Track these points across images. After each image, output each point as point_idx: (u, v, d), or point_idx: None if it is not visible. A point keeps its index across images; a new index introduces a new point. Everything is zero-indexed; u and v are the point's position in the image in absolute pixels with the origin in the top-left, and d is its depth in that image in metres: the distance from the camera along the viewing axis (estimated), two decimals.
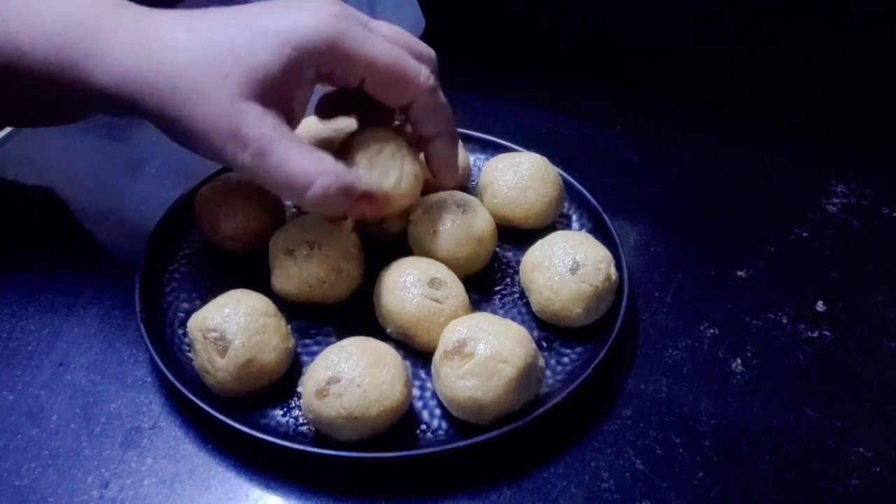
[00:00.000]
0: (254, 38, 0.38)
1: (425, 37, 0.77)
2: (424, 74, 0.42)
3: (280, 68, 0.38)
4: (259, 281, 0.45)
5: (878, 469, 0.41)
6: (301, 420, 0.41)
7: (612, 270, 0.46)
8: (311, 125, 0.50)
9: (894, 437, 0.43)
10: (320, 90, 0.44)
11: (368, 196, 0.41)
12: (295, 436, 0.40)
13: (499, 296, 0.49)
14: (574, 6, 0.70)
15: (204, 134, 0.38)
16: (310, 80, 0.40)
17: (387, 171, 0.43)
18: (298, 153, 0.38)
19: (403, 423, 0.40)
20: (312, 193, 0.38)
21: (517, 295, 0.49)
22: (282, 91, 0.39)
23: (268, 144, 0.37)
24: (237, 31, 0.38)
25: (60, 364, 0.44)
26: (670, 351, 0.47)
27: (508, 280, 0.50)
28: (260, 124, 0.37)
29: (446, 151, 0.45)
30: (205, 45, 0.38)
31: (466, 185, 0.55)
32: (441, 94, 0.43)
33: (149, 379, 0.43)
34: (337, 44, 0.39)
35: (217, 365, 0.40)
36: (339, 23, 0.39)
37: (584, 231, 0.52)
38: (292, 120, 0.40)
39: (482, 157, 0.57)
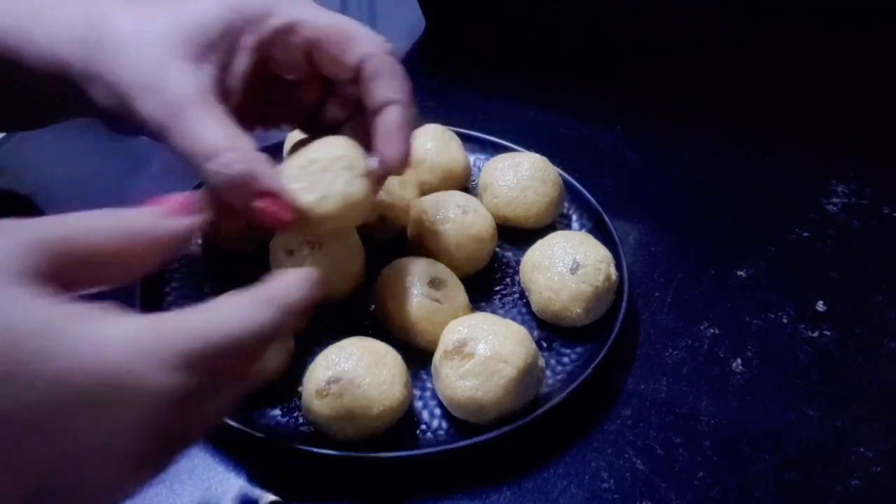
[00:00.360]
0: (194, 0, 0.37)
1: (425, 37, 0.77)
2: (376, 37, 0.39)
3: (218, 30, 0.36)
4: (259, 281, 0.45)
5: (878, 469, 0.41)
6: (301, 420, 0.41)
7: (612, 270, 0.46)
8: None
9: (894, 437, 0.43)
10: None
11: (272, 197, 0.36)
12: (295, 436, 0.40)
13: (499, 296, 0.49)
14: (574, 6, 0.70)
15: (127, 87, 0.35)
16: (249, 49, 0.37)
17: (313, 185, 0.38)
18: (215, 122, 0.35)
19: (403, 423, 0.40)
20: (210, 166, 0.35)
21: (517, 295, 0.49)
22: (218, 56, 0.37)
23: (186, 104, 0.35)
24: None
25: None
26: (670, 351, 0.47)
27: (508, 280, 0.50)
28: (183, 83, 0.35)
29: (399, 120, 0.39)
30: (142, 4, 0.37)
31: (466, 185, 0.55)
32: (398, 63, 0.39)
33: None
34: (278, 5, 0.38)
35: None
36: None
37: (584, 231, 0.52)
38: (228, 95, 0.38)
39: (482, 157, 0.57)
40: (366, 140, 0.40)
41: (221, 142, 0.35)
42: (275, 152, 0.50)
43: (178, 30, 0.36)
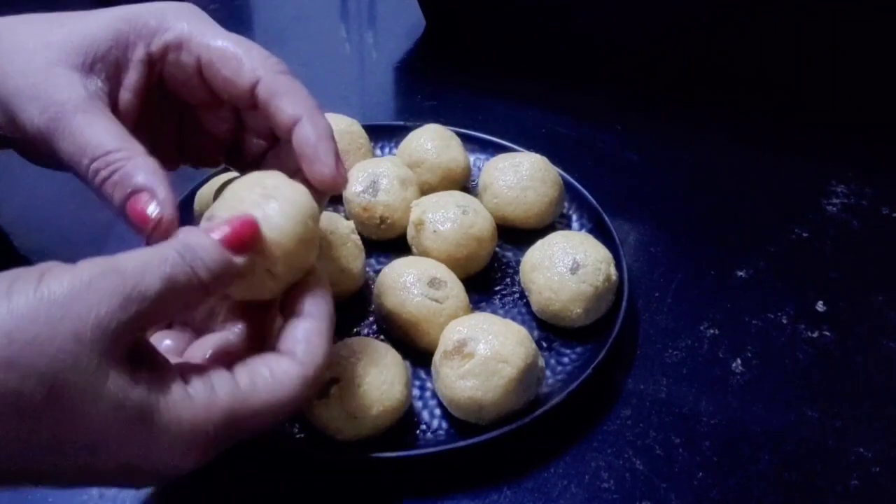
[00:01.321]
0: (85, 12, 0.37)
1: (425, 37, 0.78)
2: (270, 58, 0.37)
3: (106, 41, 0.36)
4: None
5: (878, 469, 0.41)
6: (301, 420, 0.41)
7: (612, 270, 0.46)
8: None
9: (894, 437, 0.43)
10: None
11: (144, 197, 0.33)
12: (295, 436, 0.40)
13: (499, 296, 0.49)
14: (574, 6, 0.70)
15: (12, 94, 0.35)
16: (139, 62, 0.37)
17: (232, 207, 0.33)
18: (101, 126, 0.34)
19: (403, 423, 0.40)
20: (91, 170, 0.33)
21: (517, 295, 0.49)
22: (107, 67, 0.36)
23: (70, 111, 0.34)
24: (72, 10, 0.37)
25: None
26: (670, 351, 0.47)
27: (508, 280, 0.50)
28: (69, 91, 0.35)
29: (312, 134, 0.35)
30: (35, 18, 0.37)
31: (466, 185, 0.55)
32: (294, 78, 0.37)
33: None
34: (168, 18, 0.37)
35: None
36: (175, 4, 0.38)
37: (584, 231, 0.52)
38: (122, 110, 0.37)
39: (482, 157, 0.57)
40: (293, 167, 0.37)
41: (107, 143, 0.34)
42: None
43: (67, 40, 0.36)
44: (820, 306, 0.51)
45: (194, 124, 0.41)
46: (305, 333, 0.32)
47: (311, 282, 0.34)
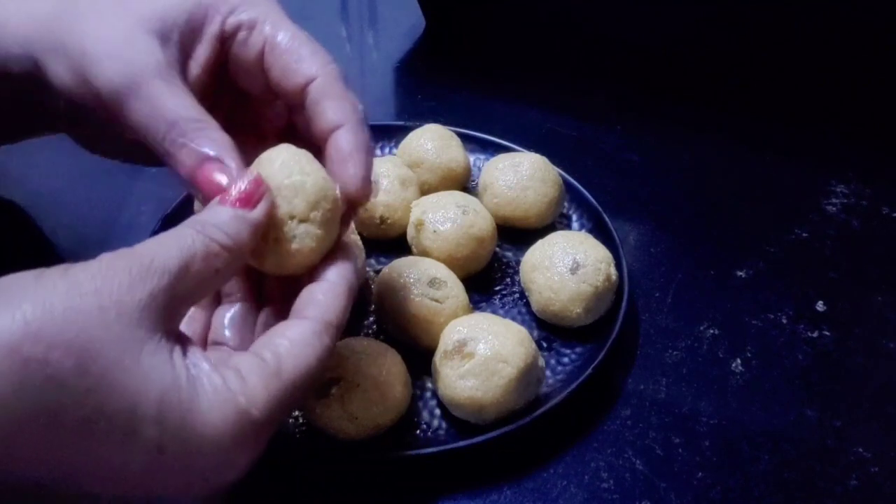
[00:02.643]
0: None
1: (425, 37, 0.78)
2: (332, 61, 0.37)
3: (185, 9, 0.36)
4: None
5: (877, 469, 0.41)
6: (301, 420, 0.41)
7: (612, 270, 0.46)
8: None
9: (894, 437, 0.43)
10: None
11: (215, 167, 0.33)
12: (295, 436, 0.40)
13: (499, 296, 0.49)
14: (574, 6, 0.70)
15: (90, 55, 0.35)
16: (213, 36, 0.37)
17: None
18: (178, 94, 0.34)
19: (403, 423, 0.40)
20: (171, 134, 0.33)
21: (517, 295, 0.49)
22: (181, 39, 0.36)
23: (149, 74, 0.34)
24: None
25: None
26: (670, 351, 0.47)
27: (508, 280, 0.50)
28: (148, 55, 0.34)
29: (349, 144, 0.35)
30: None
31: (466, 185, 0.55)
32: (348, 88, 0.37)
33: None
34: (246, 2, 0.37)
35: None
36: None
37: (584, 231, 0.52)
38: (190, 83, 0.37)
39: (482, 157, 0.57)
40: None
41: (183, 111, 0.34)
42: None
43: (146, 5, 0.36)
44: (820, 306, 0.51)
45: (243, 117, 0.41)
46: (317, 294, 0.32)
47: (336, 252, 0.34)
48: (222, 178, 0.33)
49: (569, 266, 0.45)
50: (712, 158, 0.63)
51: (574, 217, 0.54)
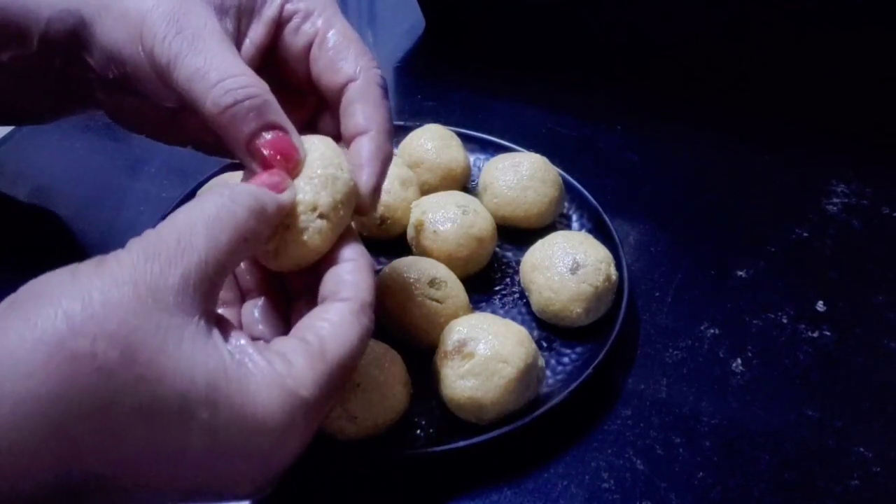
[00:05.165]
0: None
1: (425, 37, 0.77)
2: (377, 67, 0.37)
3: None
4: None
5: (878, 469, 0.41)
6: None
7: (612, 270, 0.46)
8: None
9: (894, 437, 0.43)
10: None
11: (279, 132, 0.33)
12: None
13: (499, 296, 0.49)
14: (574, 6, 0.70)
15: (145, 12, 0.34)
16: (270, 18, 0.37)
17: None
18: (231, 55, 0.34)
19: (403, 423, 0.40)
20: (224, 85, 0.33)
21: (517, 295, 0.49)
22: (241, 13, 0.36)
23: (207, 36, 0.34)
24: None
25: None
26: (670, 351, 0.47)
27: (508, 280, 0.50)
28: (207, 21, 0.34)
29: (371, 151, 0.35)
30: None
31: (466, 185, 0.55)
32: (385, 95, 0.37)
33: None
34: None
35: None
36: None
37: (584, 231, 0.52)
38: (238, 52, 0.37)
39: (482, 157, 0.57)
40: None
41: (233, 70, 0.33)
42: None
43: None
44: (820, 306, 0.51)
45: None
46: (344, 274, 0.32)
47: (346, 236, 0.34)
48: (281, 146, 0.33)
49: (569, 266, 0.45)
50: (712, 158, 0.63)
51: (574, 217, 0.54)
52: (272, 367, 0.28)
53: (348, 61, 0.36)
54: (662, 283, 0.51)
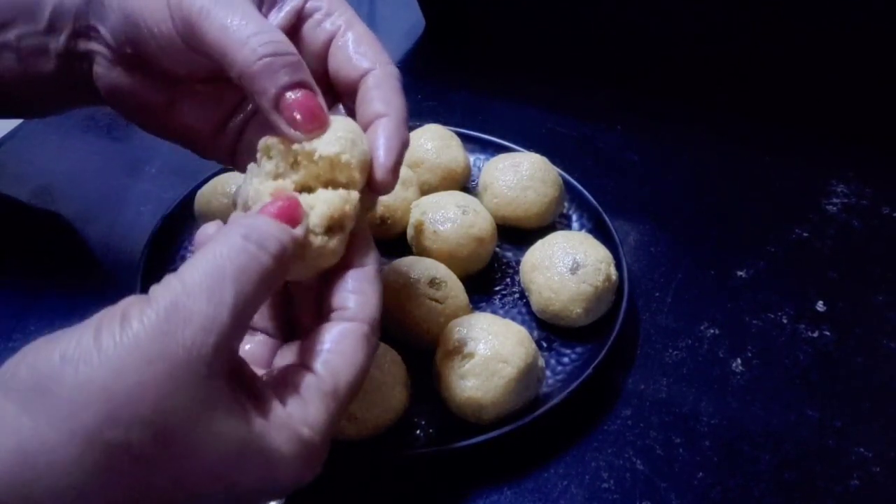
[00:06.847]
0: None
1: (425, 37, 0.78)
2: (390, 63, 0.37)
3: None
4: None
5: (878, 469, 0.41)
6: None
7: (612, 270, 0.46)
8: None
9: (894, 437, 0.43)
10: None
11: (309, 90, 0.33)
12: None
13: (499, 296, 0.49)
14: (574, 6, 0.70)
15: None
16: (293, 9, 0.37)
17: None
18: (258, 16, 0.34)
19: (403, 423, 0.40)
20: (258, 39, 0.32)
21: (517, 295, 0.49)
22: None
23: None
24: None
25: None
26: (670, 351, 0.47)
27: (508, 280, 0.50)
28: None
29: (389, 132, 0.35)
30: None
31: (466, 185, 0.55)
32: (402, 92, 0.37)
33: None
34: None
35: None
36: None
37: (584, 231, 0.52)
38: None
39: (482, 157, 0.57)
40: None
41: (260, 29, 0.33)
42: None
43: None
44: (820, 306, 0.51)
45: None
46: (354, 283, 0.32)
47: (356, 238, 0.34)
48: (310, 105, 0.33)
49: (569, 266, 0.45)
50: (712, 158, 0.63)
51: (574, 217, 0.54)
52: (290, 418, 0.28)
53: (367, 56, 0.36)
54: (662, 283, 0.51)
